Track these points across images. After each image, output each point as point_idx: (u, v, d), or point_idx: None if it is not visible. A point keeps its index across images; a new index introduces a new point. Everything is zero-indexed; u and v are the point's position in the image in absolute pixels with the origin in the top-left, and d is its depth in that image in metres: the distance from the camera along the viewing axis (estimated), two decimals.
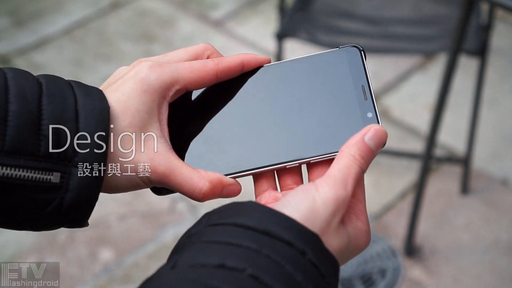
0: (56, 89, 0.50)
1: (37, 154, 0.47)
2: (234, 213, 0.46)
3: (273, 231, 0.44)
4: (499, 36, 2.35)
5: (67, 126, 0.48)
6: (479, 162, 2.00)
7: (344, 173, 0.49)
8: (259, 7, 2.68)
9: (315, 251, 0.44)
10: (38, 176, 0.47)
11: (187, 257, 0.43)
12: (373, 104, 0.53)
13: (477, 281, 1.73)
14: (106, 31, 2.58)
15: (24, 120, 0.47)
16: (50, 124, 0.48)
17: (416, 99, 2.26)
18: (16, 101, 0.47)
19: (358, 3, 1.86)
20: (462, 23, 1.41)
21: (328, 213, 0.47)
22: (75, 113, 0.49)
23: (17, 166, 0.46)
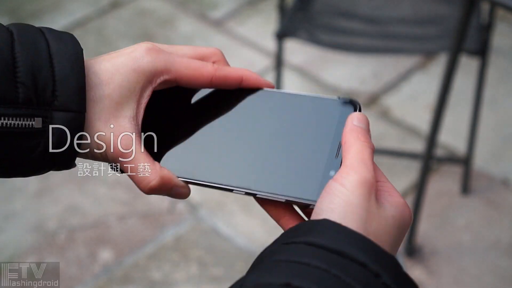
0: (28, 36, 0.50)
1: (16, 101, 0.47)
2: (307, 231, 0.45)
3: (346, 250, 0.43)
4: (499, 36, 2.34)
5: (43, 72, 0.48)
6: (479, 162, 2.00)
7: (360, 157, 0.48)
8: (259, 7, 2.68)
9: (391, 273, 0.42)
10: (20, 123, 0.48)
11: (254, 276, 0.42)
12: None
13: (477, 282, 1.73)
14: (105, 30, 2.58)
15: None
16: (26, 71, 0.48)
17: (416, 99, 2.25)
18: None
19: (358, 3, 1.86)
20: (463, 23, 1.40)
21: (362, 199, 0.46)
22: (49, 58, 0.49)
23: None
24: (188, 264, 1.77)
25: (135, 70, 0.52)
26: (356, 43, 1.74)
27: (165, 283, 1.74)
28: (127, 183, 1.97)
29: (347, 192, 0.46)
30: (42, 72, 0.49)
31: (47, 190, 1.96)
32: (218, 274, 1.75)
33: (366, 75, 2.33)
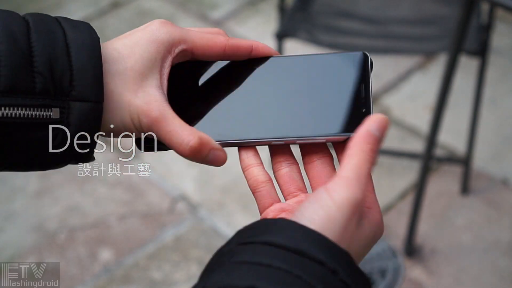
0: (44, 25, 0.49)
1: (33, 91, 0.47)
2: (264, 230, 0.45)
3: (304, 249, 0.43)
4: (499, 36, 2.34)
5: (59, 61, 0.48)
6: (479, 162, 2.00)
7: (357, 173, 0.47)
8: (259, 7, 2.68)
9: (347, 270, 0.43)
10: (38, 113, 0.47)
11: (216, 279, 0.42)
12: (370, 101, 0.54)
13: (477, 282, 1.73)
14: (106, 31, 2.58)
15: (16, 59, 0.46)
16: (42, 60, 0.47)
17: (416, 99, 2.25)
18: (5, 40, 0.47)
19: (358, 3, 1.86)
20: (462, 23, 1.40)
21: (345, 218, 0.45)
22: (66, 47, 0.49)
23: (15, 105, 0.46)
24: (188, 264, 1.78)
25: (154, 41, 0.53)
26: (356, 43, 1.74)
27: (165, 283, 1.74)
28: (127, 183, 1.97)
29: (334, 208, 0.45)
30: (59, 62, 0.48)
31: (47, 190, 1.96)
32: None
33: None
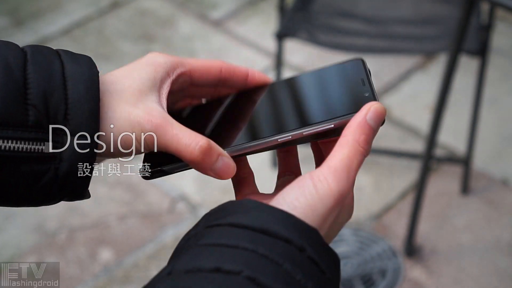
0: (42, 56, 0.48)
1: (26, 124, 0.46)
2: (230, 212, 0.45)
3: (270, 228, 0.43)
4: (499, 36, 2.34)
5: (55, 94, 0.47)
6: (479, 162, 2.00)
7: (347, 165, 0.46)
8: (259, 7, 2.68)
9: (314, 247, 0.43)
10: (29, 147, 0.46)
11: (183, 262, 0.42)
12: (371, 87, 0.52)
13: (477, 282, 1.73)
14: (105, 31, 2.58)
15: (9, 90, 0.45)
16: (37, 93, 0.46)
17: (416, 99, 2.25)
18: (0, 71, 0.45)
19: (358, 3, 1.86)
20: (463, 23, 1.40)
21: (326, 209, 0.45)
22: (63, 80, 0.47)
23: (5, 138, 0.45)
24: None
25: (151, 64, 0.52)
26: (356, 43, 1.74)
27: None
28: (127, 183, 1.97)
29: (316, 197, 0.45)
30: (55, 94, 0.47)
31: None
32: None
33: None
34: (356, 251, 1.80)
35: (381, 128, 0.51)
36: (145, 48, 2.48)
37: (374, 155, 2.02)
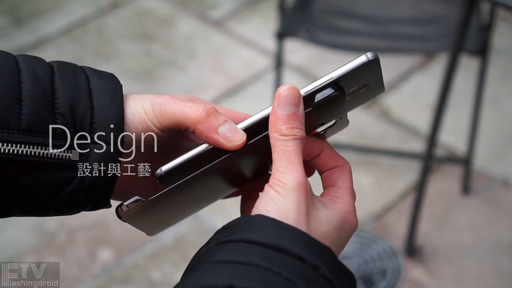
0: (68, 70, 0.50)
1: (54, 132, 0.47)
2: (243, 228, 0.44)
3: (284, 246, 0.43)
4: (500, 35, 2.34)
5: (81, 104, 0.48)
6: (480, 162, 2.00)
7: (285, 159, 0.47)
8: (259, 7, 2.67)
9: (329, 265, 0.43)
10: (57, 153, 0.47)
11: (195, 279, 0.42)
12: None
13: (478, 282, 1.72)
14: (105, 30, 2.58)
15: (39, 99, 0.47)
16: (64, 102, 0.48)
17: (416, 99, 2.25)
18: (29, 81, 0.47)
19: (358, 2, 1.85)
20: (463, 23, 1.40)
21: (297, 203, 0.45)
22: (88, 91, 0.49)
23: (34, 144, 0.46)
24: (188, 264, 1.77)
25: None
26: (356, 43, 1.74)
27: (165, 283, 1.73)
28: None
29: (281, 198, 0.46)
30: (81, 104, 0.48)
31: None
32: None
33: None
34: (356, 251, 1.80)
35: (381, 128, 0.51)
36: (145, 48, 2.48)
37: (374, 155, 2.02)
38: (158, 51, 2.47)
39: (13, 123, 0.46)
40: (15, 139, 0.46)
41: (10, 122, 0.46)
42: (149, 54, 2.45)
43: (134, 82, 2.33)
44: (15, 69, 0.47)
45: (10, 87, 0.46)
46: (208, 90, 2.30)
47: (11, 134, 0.46)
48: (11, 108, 0.46)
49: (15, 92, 0.46)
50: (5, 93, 0.46)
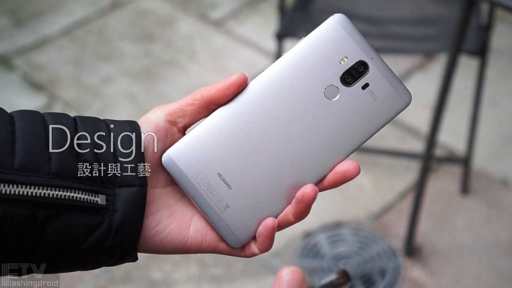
0: (89, 119, 0.53)
1: (81, 177, 0.50)
2: None
3: None
4: (499, 36, 2.34)
5: (104, 149, 0.51)
6: (479, 162, 2.00)
7: None
8: (259, 7, 2.68)
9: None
10: (86, 197, 0.49)
11: None
12: None
13: (477, 282, 1.73)
14: (106, 31, 2.58)
15: (65, 147, 0.50)
16: (88, 149, 0.51)
17: (416, 99, 2.25)
18: (55, 130, 0.50)
19: (358, 3, 1.86)
20: (462, 23, 1.40)
21: None
22: (109, 136, 0.52)
23: (65, 187, 0.49)
24: (188, 264, 1.78)
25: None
26: None
27: (165, 283, 1.74)
28: None
29: None
30: (104, 149, 0.51)
31: None
32: (218, 274, 1.75)
33: None
34: (356, 251, 1.80)
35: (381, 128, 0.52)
36: (145, 48, 2.48)
37: (374, 155, 2.02)
38: (158, 51, 2.47)
39: (44, 168, 0.48)
40: (46, 183, 0.48)
41: (40, 167, 0.48)
42: (149, 54, 2.46)
43: (134, 82, 2.33)
44: (41, 120, 0.51)
45: (38, 135, 0.49)
46: None
47: (42, 178, 0.48)
48: (41, 154, 0.48)
49: (43, 139, 0.49)
50: (34, 141, 0.49)
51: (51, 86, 2.32)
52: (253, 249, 0.54)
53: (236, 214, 0.54)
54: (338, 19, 0.55)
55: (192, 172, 0.54)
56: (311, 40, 0.55)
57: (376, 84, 0.54)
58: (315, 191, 0.52)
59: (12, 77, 2.36)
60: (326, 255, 1.79)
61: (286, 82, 0.54)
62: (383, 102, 0.54)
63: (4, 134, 0.48)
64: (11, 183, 0.47)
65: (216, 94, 0.54)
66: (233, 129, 0.54)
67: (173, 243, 0.53)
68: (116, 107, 2.24)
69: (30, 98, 2.27)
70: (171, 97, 2.27)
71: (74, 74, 2.37)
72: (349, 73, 0.54)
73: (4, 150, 0.47)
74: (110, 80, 2.34)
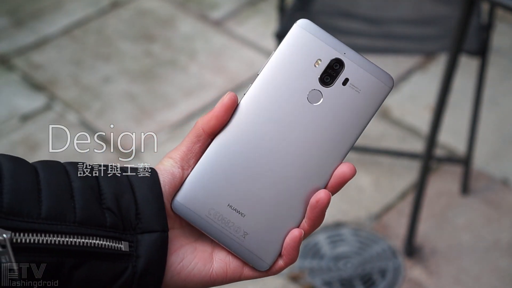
0: (109, 174, 0.54)
1: (105, 225, 0.51)
2: None
3: None
4: (499, 36, 2.34)
5: (125, 197, 0.52)
6: (479, 162, 2.00)
7: None
8: (259, 7, 2.68)
9: None
10: (110, 244, 0.50)
11: None
12: None
13: (477, 282, 1.73)
14: (105, 30, 2.58)
15: (88, 194, 0.51)
16: (110, 197, 0.52)
17: (416, 99, 2.25)
18: (77, 179, 0.51)
19: (358, 3, 1.86)
20: (463, 23, 1.40)
21: None
22: (129, 183, 0.53)
23: (90, 235, 0.50)
24: None
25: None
26: (356, 43, 1.74)
27: None
28: None
29: None
30: (125, 197, 0.52)
31: None
32: None
33: None
34: (356, 251, 1.80)
35: (381, 128, 0.52)
36: (145, 48, 2.48)
37: (374, 155, 2.02)
38: (158, 51, 2.47)
39: (69, 217, 0.49)
40: (72, 231, 0.49)
41: (66, 215, 0.49)
42: (149, 54, 2.45)
43: (134, 82, 2.33)
44: (63, 170, 0.52)
45: (62, 184, 0.50)
46: (208, 90, 2.31)
47: (68, 227, 0.49)
48: (66, 204, 0.50)
49: (67, 189, 0.50)
50: (59, 190, 0.50)
51: (51, 86, 2.32)
52: (279, 264, 0.55)
53: (256, 239, 0.55)
54: (302, 24, 0.55)
55: (203, 211, 0.55)
56: (282, 52, 0.55)
57: (355, 76, 0.54)
58: (328, 194, 0.53)
59: (12, 77, 2.36)
60: (326, 255, 1.79)
61: (270, 99, 0.55)
62: (366, 92, 0.55)
63: (30, 184, 0.49)
64: (40, 232, 0.48)
65: (217, 123, 0.55)
66: (231, 158, 0.55)
67: (199, 276, 0.54)
68: (116, 107, 2.24)
69: (30, 98, 2.27)
70: (171, 97, 2.27)
71: (74, 74, 2.36)
72: (326, 74, 0.54)
73: (30, 200, 0.48)
74: (110, 80, 2.34)
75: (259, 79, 0.55)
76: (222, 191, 0.55)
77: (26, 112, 2.20)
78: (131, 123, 2.18)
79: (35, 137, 2.12)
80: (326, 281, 1.73)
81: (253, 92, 0.55)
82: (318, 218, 0.54)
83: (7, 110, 2.20)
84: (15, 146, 2.09)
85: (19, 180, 0.49)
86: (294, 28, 0.55)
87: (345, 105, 0.54)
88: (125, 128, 2.16)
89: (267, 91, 0.55)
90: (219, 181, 0.55)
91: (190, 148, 0.55)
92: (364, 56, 0.55)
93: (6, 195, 0.47)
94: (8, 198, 0.47)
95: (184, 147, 0.56)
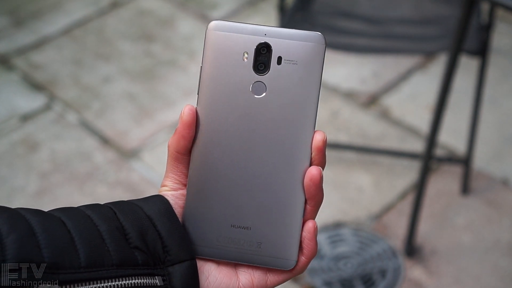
0: (124, 206, 0.54)
1: (137, 263, 0.51)
2: None
3: None
4: (499, 36, 2.34)
5: (149, 233, 0.53)
6: (479, 162, 2.00)
7: None
8: (259, 7, 2.68)
9: None
10: (148, 282, 0.51)
11: None
12: None
13: (477, 282, 1.73)
14: (105, 30, 2.58)
15: (117, 237, 0.51)
16: (135, 236, 0.52)
17: (416, 99, 2.25)
18: (103, 223, 0.52)
19: (358, 3, 1.86)
20: (463, 23, 1.40)
21: None
22: (148, 219, 0.53)
23: (129, 275, 0.51)
24: None
25: None
26: (356, 43, 1.74)
27: None
28: (127, 183, 1.97)
29: None
30: (149, 233, 0.53)
31: (47, 190, 1.96)
32: None
33: (366, 75, 2.33)
34: (356, 251, 1.80)
35: (381, 128, 0.52)
36: (145, 48, 2.48)
37: (374, 155, 2.02)
38: (158, 51, 2.47)
39: (107, 261, 0.50)
40: (113, 275, 0.50)
41: (104, 260, 0.50)
42: (149, 54, 2.45)
43: (134, 82, 2.33)
44: (85, 215, 0.52)
45: (91, 230, 0.51)
46: None
47: (109, 271, 0.50)
48: (101, 248, 0.50)
49: (96, 233, 0.51)
50: (90, 236, 0.50)
51: (51, 86, 2.32)
52: (302, 260, 0.55)
53: (271, 244, 0.55)
54: (212, 27, 0.54)
55: (212, 242, 0.55)
56: (208, 61, 0.55)
57: (286, 51, 0.54)
58: (318, 169, 0.53)
59: (12, 77, 2.36)
60: (326, 255, 1.79)
61: (220, 109, 0.54)
62: (304, 60, 0.54)
63: (63, 235, 0.49)
64: (84, 281, 0.48)
65: (186, 142, 0.55)
66: (213, 180, 0.55)
67: None
68: (116, 107, 2.24)
69: (30, 98, 2.27)
70: (171, 97, 2.27)
71: (74, 74, 2.36)
72: (258, 62, 0.54)
73: (68, 251, 0.49)
74: (110, 80, 2.34)
75: (201, 94, 0.55)
76: (220, 216, 0.55)
77: (26, 112, 2.20)
78: (131, 123, 2.18)
79: (35, 137, 2.12)
80: (326, 281, 1.73)
81: (203, 106, 0.55)
82: (318, 195, 0.54)
83: (7, 110, 2.20)
84: (15, 146, 2.09)
85: (52, 233, 0.49)
86: (208, 34, 0.54)
87: (291, 82, 0.54)
88: (125, 128, 2.16)
89: (214, 102, 0.54)
90: (213, 208, 0.55)
91: (176, 171, 0.56)
92: (284, 28, 0.54)
93: (45, 249, 0.48)
94: (48, 252, 0.48)
95: (170, 173, 0.56)
